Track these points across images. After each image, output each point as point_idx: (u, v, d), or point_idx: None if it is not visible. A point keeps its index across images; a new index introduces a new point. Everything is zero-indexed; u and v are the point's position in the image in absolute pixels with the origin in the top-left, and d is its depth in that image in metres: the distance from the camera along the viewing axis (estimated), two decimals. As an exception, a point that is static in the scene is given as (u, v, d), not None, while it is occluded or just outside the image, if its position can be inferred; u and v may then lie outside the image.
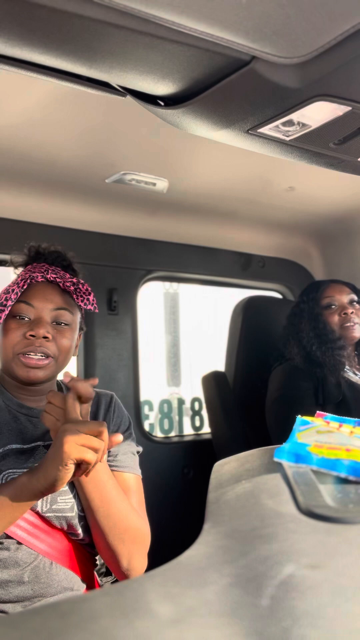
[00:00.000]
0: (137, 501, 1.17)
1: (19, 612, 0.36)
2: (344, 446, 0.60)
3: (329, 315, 1.98)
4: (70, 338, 1.17)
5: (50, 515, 1.08)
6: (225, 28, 0.70)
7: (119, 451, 1.19)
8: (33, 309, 1.14)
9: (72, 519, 1.09)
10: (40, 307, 1.14)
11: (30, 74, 0.82)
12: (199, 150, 1.63)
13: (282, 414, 1.77)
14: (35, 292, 1.15)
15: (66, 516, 1.09)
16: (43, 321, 1.13)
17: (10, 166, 1.70)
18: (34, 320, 1.13)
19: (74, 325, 1.19)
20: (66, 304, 1.18)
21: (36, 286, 1.16)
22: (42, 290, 1.16)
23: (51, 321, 1.15)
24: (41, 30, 0.69)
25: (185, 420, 2.72)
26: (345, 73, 0.79)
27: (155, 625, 0.33)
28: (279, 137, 0.97)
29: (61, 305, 1.16)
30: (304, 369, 1.95)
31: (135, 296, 2.26)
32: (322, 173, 1.38)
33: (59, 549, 1.09)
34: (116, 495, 1.09)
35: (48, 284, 1.18)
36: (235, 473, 0.61)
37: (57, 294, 1.17)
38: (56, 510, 1.08)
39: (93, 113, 1.40)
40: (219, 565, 0.41)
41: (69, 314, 1.17)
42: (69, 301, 1.19)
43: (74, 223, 2.09)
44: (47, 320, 1.14)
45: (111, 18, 0.67)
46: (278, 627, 0.32)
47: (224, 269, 2.50)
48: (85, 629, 0.33)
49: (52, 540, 1.08)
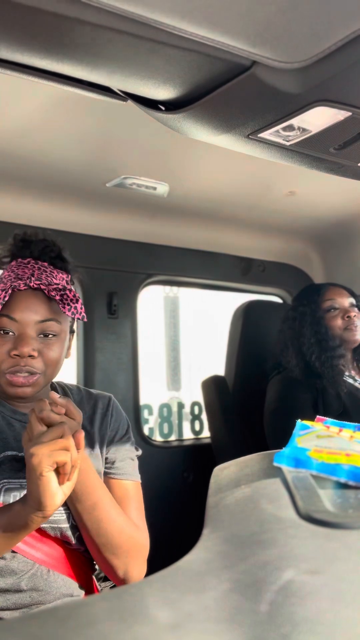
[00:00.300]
0: (135, 509, 1.15)
1: (17, 617, 0.36)
2: (344, 451, 0.60)
3: (331, 319, 1.94)
4: (58, 350, 1.09)
5: (45, 526, 1.07)
6: (226, 33, 0.70)
7: (116, 458, 1.17)
8: (16, 323, 1.05)
9: (66, 530, 1.08)
10: (24, 321, 1.05)
11: (31, 79, 0.82)
12: (200, 155, 1.64)
13: (279, 426, 1.74)
14: (18, 304, 1.05)
15: (60, 527, 1.08)
16: (27, 337, 1.04)
17: (11, 170, 1.70)
18: (18, 337, 1.05)
19: (62, 335, 1.11)
20: (53, 314, 1.08)
21: (19, 296, 1.06)
22: (25, 300, 1.06)
23: (37, 334, 1.06)
24: (43, 35, 0.69)
25: (184, 425, 2.72)
26: (345, 78, 0.79)
27: (154, 631, 0.33)
28: (279, 142, 0.97)
29: (47, 316, 1.07)
30: (302, 380, 1.90)
31: (135, 300, 2.26)
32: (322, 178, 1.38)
33: (55, 557, 1.08)
34: (109, 513, 1.06)
35: (32, 291, 1.06)
36: (235, 478, 0.61)
37: (41, 303, 1.06)
38: (51, 521, 1.07)
39: (94, 117, 1.40)
40: (218, 570, 0.41)
41: (57, 324, 1.08)
42: (56, 309, 1.09)
43: (75, 227, 2.09)
44: (33, 335, 1.05)
45: (113, 23, 0.67)
46: (277, 633, 0.32)
47: (224, 273, 2.51)
48: (84, 634, 0.33)
49: (48, 548, 1.07)
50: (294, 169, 1.15)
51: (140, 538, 1.12)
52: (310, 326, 1.93)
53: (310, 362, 1.89)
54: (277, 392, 1.95)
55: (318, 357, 1.88)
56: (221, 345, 2.44)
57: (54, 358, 1.08)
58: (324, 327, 1.91)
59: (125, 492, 1.15)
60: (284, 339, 2.00)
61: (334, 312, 1.96)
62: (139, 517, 1.15)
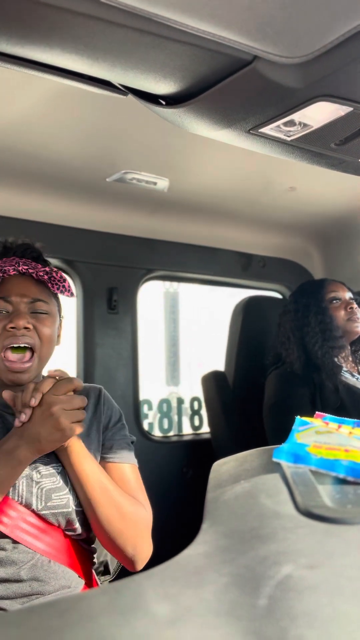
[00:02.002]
0: (136, 489, 1.19)
1: (17, 610, 0.36)
2: (343, 447, 0.60)
3: (334, 310, 1.98)
4: (51, 326, 1.18)
5: (47, 512, 1.08)
6: (227, 28, 0.70)
7: (113, 444, 1.21)
8: (9, 304, 1.15)
9: (69, 515, 1.10)
10: (16, 301, 1.15)
11: (31, 72, 0.82)
12: (200, 150, 1.63)
13: (277, 421, 1.75)
14: (10, 287, 1.16)
15: (63, 512, 1.09)
16: (21, 312, 1.14)
17: (10, 164, 1.70)
18: (12, 313, 1.14)
19: (53, 314, 1.20)
20: (42, 295, 1.18)
21: (9, 281, 1.17)
22: (17, 283, 1.17)
23: (29, 312, 1.16)
24: (43, 29, 0.69)
25: (184, 420, 2.72)
26: (347, 73, 0.79)
27: (153, 625, 0.33)
28: (280, 137, 0.97)
29: (37, 296, 1.17)
30: (300, 375, 1.92)
31: (135, 295, 2.26)
32: (323, 173, 1.38)
33: (57, 547, 1.09)
34: (109, 484, 1.12)
35: (21, 276, 1.18)
36: (234, 473, 0.61)
37: (31, 286, 1.18)
38: (51, 507, 1.08)
39: (94, 112, 1.40)
40: (217, 565, 0.41)
41: (45, 304, 1.18)
42: (45, 291, 1.20)
43: (75, 222, 2.09)
44: (25, 311, 1.15)
45: (114, 17, 0.67)
46: (276, 627, 0.32)
47: (224, 269, 2.50)
48: (84, 628, 0.33)
49: (50, 539, 1.08)
50: (295, 164, 1.14)
51: (144, 514, 1.16)
52: (315, 315, 1.96)
53: (312, 352, 1.92)
54: (275, 387, 1.97)
55: (321, 346, 1.91)
56: (221, 341, 2.44)
57: (47, 334, 1.17)
58: (328, 316, 1.96)
59: (125, 475, 1.19)
60: (285, 331, 2.02)
61: (337, 303, 2.00)
62: (142, 495, 1.19)
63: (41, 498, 1.08)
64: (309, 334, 1.95)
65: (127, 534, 1.10)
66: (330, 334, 1.92)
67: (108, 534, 1.10)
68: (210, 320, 4.16)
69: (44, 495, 1.08)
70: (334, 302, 2.00)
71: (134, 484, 1.20)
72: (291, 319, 2.02)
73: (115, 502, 1.10)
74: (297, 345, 1.96)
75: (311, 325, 1.95)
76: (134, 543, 1.11)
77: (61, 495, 1.10)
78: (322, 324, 1.94)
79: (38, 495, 1.08)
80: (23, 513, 1.06)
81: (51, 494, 1.09)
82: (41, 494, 1.08)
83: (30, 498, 1.07)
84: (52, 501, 1.09)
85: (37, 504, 1.08)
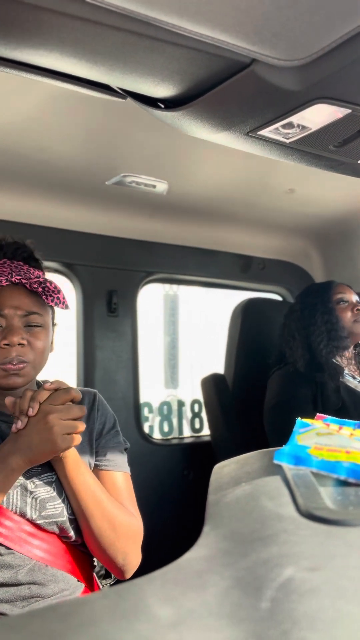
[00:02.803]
0: (127, 498, 1.19)
1: (18, 615, 0.36)
2: (344, 448, 0.60)
3: (341, 311, 2.00)
4: (44, 339, 1.16)
5: (41, 522, 1.08)
6: (225, 31, 0.70)
7: (107, 451, 1.20)
8: (3, 318, 1.12)
9: (64, 523, 1.10)
10: (10, 314, 1.12)
11: (30, 76, 0.82)
12: (199, 153, 1.64)
13: (279, 421, 1.76)
14: (3, 300, 1.12)
15: (57, 521, 1.09)
16: (15, 328, 1.11)
17: (9, 168, 1.70)
18: (6, 328, 1.11)
19: (46, 326, 1.17)
20: (36, 307, 1.14)
21: (2, 292, 1.12)
22: (9, 295, 1.13)
23: (23, 326, 1.13)
24: (42, 32, 0.69)
25: (184, 423, 2.72)
26: (345, 75, 0.79)
27: (155, 628, 0.33)
28: (279, 139, 0.97)
29: (31, 309, 1.13)
30: (303, 374, 1.93)
31: (135, 298, 2.26)
32: (322, 175, 1.38)
33: (53, 553, 1.09)
34: (102, 495, 1.12)
35: (14, 287, 1.13)
36: (235, 475, 0.61)
37: (24, 297, 1.13)
38: (46, 516, 1.08)
39: (93, 115, 1.40)
40: (218, 567, 0.41)
41: (39, 316, 1.15)
42: (39, 302, 1.15)
43: (74, 225, 2.09)
44: (20, 326, 1.12)
45: (112, 21, 0.67)
46: (278, 630, 0.32)
47: (223, 271, 2.51)
48: (85, 632, 0.33)
49: (47, 545, 1.08)
50: (294, 166, 1.15)
51: (135, 525, 1.15)
52: (321, 315, 1.98)
53: (317, 351, 1.93)
54: (278, 387, 1.97)
55: (326, 345, 1.92)
56: (221, 343, 2.44)
57: (41, 347, 1.15)
58: (335, 317, 1.97)
59: (116, 483, 1.19)
60: (290, 330, 2.04)
61: (344, 305, 2.02)
62: (132, 505, 1.19)
63: (35, 508, 1.08)
64: (315, 333, 1.96)
65: (118, 544, 1.10)
66: (336, 334, 1.93)
67: (99, 545, 1.10)
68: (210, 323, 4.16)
69: (38, 505, 1.08)
70: (341, 304, 2.01)
71: (126, 493, 1.19)
72: (297, 318, 2.04)
73: (108, 514, 1.10)
74: (302, 343, 1.97)
75: (317, 325, 1.96)
76: (125, 553, 1.11)
77: (55, 505, 1.10)
78: (328, 324, 1.95)
79: (32, 505, 1.08)
80: (19, 522, 1.06)
81: (45, 504, 1.09)
82: (35, 504, 1.08)
83: (25, 507, 1.07)
84: (46, 510, 1.09)
85: (31, 514, 1.08)
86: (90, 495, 1.09)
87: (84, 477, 1.10)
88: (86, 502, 1.08)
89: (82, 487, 1.09)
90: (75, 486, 1.08)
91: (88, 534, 1.10)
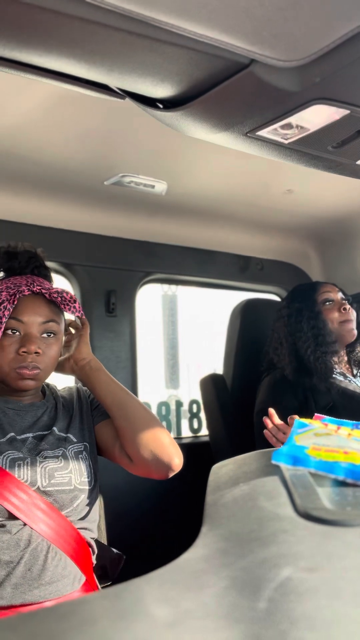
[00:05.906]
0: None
1: (17, 615, 0.36)
2: (342, 449, 0.60)
3: (328, 312, 1.94)
4: (57, 348, 1.25)
5: (50, 489, 1.13)
6: (224, 31, 0.70)
7: (103, 410, 1.31)
8: (23, 324, 1.20)
9: (71, 492, 1.15)
10: (29, 322, 1.20)
11: (29, 76, 0.82)
12: (198, 153, 1.64)
13: (263, 427, 1.73)
14: (24, 307, 1.20)
15: (65, 489, 1.15)
16: (33, 337, 1.20)
17: (8, 168, 1.70)
18: (24, 336, 1.20)
19: (60, 335, 1.27)
20: (53, 315, 1.24)
21: (23, 300, 1.21)
22: (30, 304, 1.21)
23: (40, 334, 1.22)
24: (41, 33, 0.69)
25: (183, 423, 2.72)
26: (343, 76, 0.79)
27: (153, 628, 0.33)
28: (277, 140, 0.98)
29: (49, 317, 1.22)
30: (291, 381, 1.90)
31: (133, 298, 2.26)
32: (320, 176, 1.38)
33: (57, 531, 1.12)
34: (129, 393, 1.29)
35: (34, 296, 1.22)
36: (233, 476, 0.61)
37: (44, 306, 1.22)
38: (55, 484, 1.14)
39: (92, 115, 1.40)
40: (216, 568, 0.41)
41: (56, 324, 1.24)
42: (56, 311, 1.25)
43: (73, 225, 2.09)
44: (37, 335, 1.21)
45: (111, 21, 0.67)
46: (275, 630, 0.32)
47: (222, 272, 2.51)
48: (84, 632, 0.33)
49: (52, 522, 1.12)
50: (292, 167, 1.15)
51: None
52: (307, 320, 1.93)
53: (304, 358, 1.89)
54: (263, 394, 1.95)
55: (313, 351, 1.87)
56: (219, 344, 2.44)
57: (53, 356, 1.25)
58: (321, 321, 1.92)
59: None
60: (278, 337, 2.00)
61: (330, 305, 1.96)
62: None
63: (45, 476, 1.14)
64: (302, 339, 1.91)
65: (155, 424, 1.24)
66: (323, 340, 1.88)
67: (138, 428, 1.22)
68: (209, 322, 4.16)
69: (47, 474, 1.15)
70: (327, 304, 1.96)
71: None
72: (284, 324, 1.99)
73: (140, 403, 1.26)
74: (290, 350, 1.93)
75: (304, 331, 1.92)
76: (166, 435, 1.23)
77: (64, 474, 1.16)
78: (314, 329, 1.90)
79: (42, 474, 1.14)
80: (33, 497, 1.11)
81: (54, 472, 1.15)
82: (45, 473, 1.15)
83: (35, 476, 1.13)
84: (55, 479, 1.15)
85: (41, 482, 1.13)
86: (119, 388, 1.28)
87: (111, 377, 1.30)
88: (119, 395, 1.26)
89: (112, 383, 1.28)
90: (108, 384, 1.27)
91: (125, 425, 1.23)
